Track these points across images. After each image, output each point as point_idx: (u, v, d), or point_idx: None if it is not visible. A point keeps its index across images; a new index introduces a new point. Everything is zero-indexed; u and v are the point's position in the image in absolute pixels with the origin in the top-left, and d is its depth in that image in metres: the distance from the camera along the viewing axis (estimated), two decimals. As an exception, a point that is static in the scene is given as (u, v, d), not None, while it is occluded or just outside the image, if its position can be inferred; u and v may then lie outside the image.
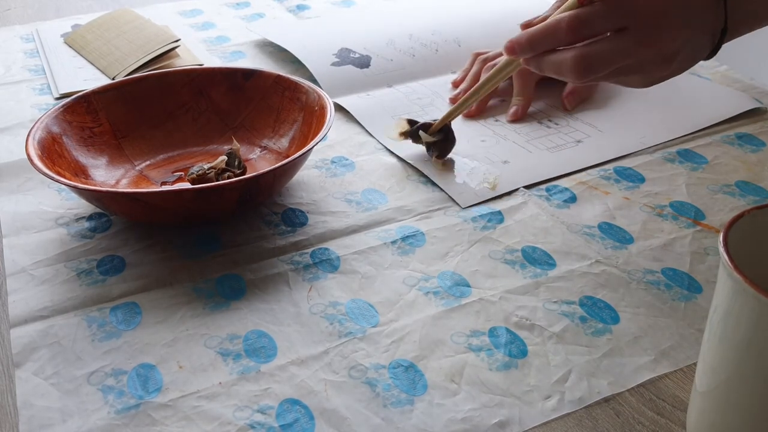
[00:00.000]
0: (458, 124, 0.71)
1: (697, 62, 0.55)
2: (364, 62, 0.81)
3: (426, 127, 0.64)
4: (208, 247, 0.54)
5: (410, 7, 0.98)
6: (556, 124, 0.71)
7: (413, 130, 0.64)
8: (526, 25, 0.56)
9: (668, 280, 0.50)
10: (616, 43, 0.51)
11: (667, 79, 0.55)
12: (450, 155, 0.65)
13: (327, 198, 0.60)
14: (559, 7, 0.55)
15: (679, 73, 0.55)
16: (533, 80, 0.73)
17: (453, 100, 0.75)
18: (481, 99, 0.64)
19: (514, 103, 0.73)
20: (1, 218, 0.58)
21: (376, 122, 0.71)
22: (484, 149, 0.66)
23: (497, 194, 0.60)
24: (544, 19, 0.55)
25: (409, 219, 0.57)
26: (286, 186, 0.61)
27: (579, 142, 0.67)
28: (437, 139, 0.64)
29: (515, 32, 0.56)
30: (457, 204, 0.59)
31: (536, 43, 0.53)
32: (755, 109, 0.72)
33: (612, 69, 0.52)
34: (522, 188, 0.60)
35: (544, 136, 0.68)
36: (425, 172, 0.63)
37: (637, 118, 0.71)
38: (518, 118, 0.72)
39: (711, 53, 0.55)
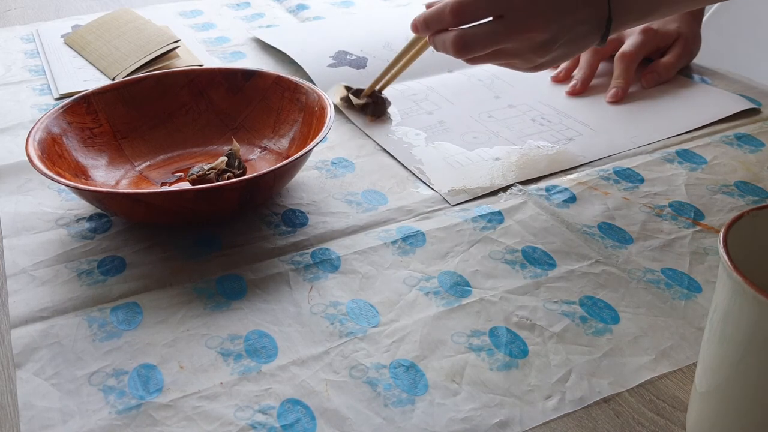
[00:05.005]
0: (452, 118, 0.72)
1: (584, 49, 0.60)
2: (360, 64, 0.81)
3: (358, 92, 0.73)
4: (209, 248, 0.54)
5: (408, 12, 0.98)
6: (549, 121, 0.71)
7: (347, 96, 0.73)
8: (428, 5, 0.62)
9: (668, 279, 0.50)
10: (490, 28, 0.57)
11: (554, 64, 0.61)
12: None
13: (327, 199, 0.60)
14: None
15: (566, 60, 0.62)
16: (634, 63, 0.76)
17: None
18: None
19: (614, 84, 0.75)
20: (1, 219, 0.58)
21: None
22: (476, 145, 0.67)
23: (491, 191, 0.60)
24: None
25: (409, 219, 0.57)
26: (286, 187, 0.61)
27: (571, 139, 0.67)
28: (367, 102, 0.72)
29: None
30: (447, 202, 0.59)
31: (429, 23, 0.60)
32: (753, 109, 0.72)
33: (488, 51, 0.58)
34: (518, 186, 0.61)
35: (536, 133, 0.69)
36: (413, 171, 0.63)
37: (629, 118, 0.71)
38: (618, 100, 0.74)
39: (600, 41, 0.59)
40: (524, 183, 0.61)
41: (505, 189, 0.61)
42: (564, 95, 0.76)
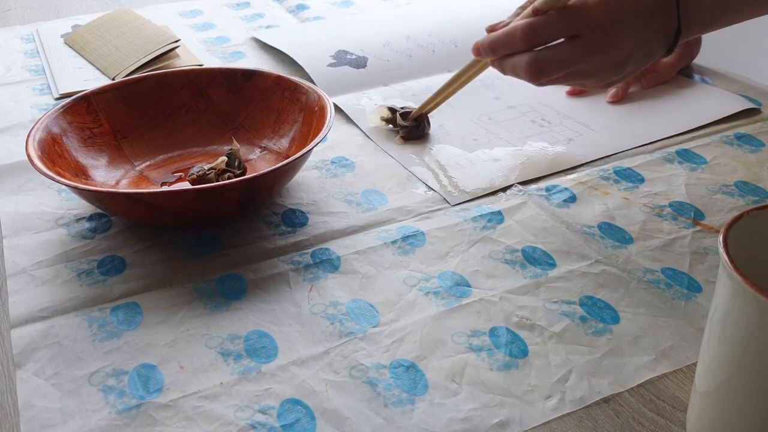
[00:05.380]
0: (452, 121, 0.71)
1: (651, 63, 0.59)
2: (360, 63, 0.81)
3: (404, 114, 0.69)
4: (209, 248, 0.54)
5: (408, 11, 0.99)
6: (549, 122, 0.71)
7: (391, 118, 0.70)
8: (491, 29, 0.59)
9: (668, 279, 0.50)
10: (567, 50, 0.54)
11: (623, 81, 0.60)
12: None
13: (327, 198, 0.60)
14: (519, 14, 0.59)
15: (633, 74, 0.59)
16: None
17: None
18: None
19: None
20: (1, 219, 0.58)
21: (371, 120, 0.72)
22: (476, 147, 0.67)
23: (491, 191, 0.60)
24: (507, 24, 0.58)
25: (409, 219, 0.57)
26: (286, 186, 0.61)
27: (571, 140, 0.67)
28: (410, 125, 0.69)
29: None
30: (447, 202, 0.59)
31: (496, 47, 0.57)
32: (754, 109, 0.72)
33: (564, 73, 0.56)
34: (518, 186, 0.61)
35: (537, 134, 0.69)
36: (413, 172, 0.63)
37: (629, 118, 0.71)
38: (618, 100, 0.73)
39: (667, 52, 0.58)
40: (524, 183, 0.61)
41: (505, 189, 0.61)
42: (564, 96, 0.76)
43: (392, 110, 0.70)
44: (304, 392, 0.42)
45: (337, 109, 0.73)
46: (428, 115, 0.69)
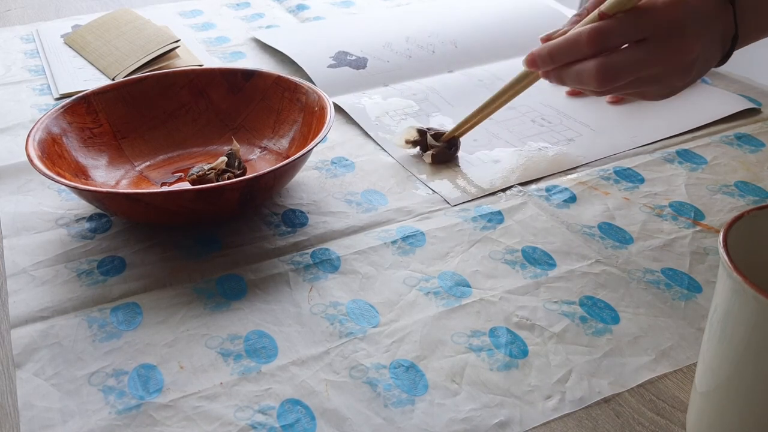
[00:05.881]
0: (452, 125, 0.71)
1: (709, 70, 0.56)
2: (360, 64, 0.81)
3: (436, 135, 0.65)
4: (209, 248, 0.54)
5: (408, 11, 0.99)
6: (549, 122, 0.71)
7: (419, 140, 0.65)
8: (546, 39, 0.57)
9: (668, 279, 0.50)
10: (637, 53, 0.52)
11: (684, 89, 0.56)
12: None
13: (327, 199, 0.60)
14: (576, 21, 0.56)
15: (694, 82, 0.56)
16: None
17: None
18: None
19: None
20: (1, 219, 0.58)
21: (372, 120, 0.72)
22: (476, 148, 0.67)
23: (490, 192, 0.60)
24: (564, 32, 0.55)
25: (409, 219, 0.57)
26: (286, 187, 0.61)
27: (571, 140, 0.67)
28: (441, 146, 0.64)
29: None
30: (447, 202, 0.59)
31: (557, 55, 0.54)
32: (754, 109, 0.72)
33: (633, 78, 0.53)
34: (518, 186, 0.61)
35: (537, 135, 0.69)
36: (413, 172, 0.63)
37: (629, 118, 0.71)
38: (618, 100, 0.73)
39: (722, 60, 0.57)
40: (524, 183, 0.61)
41: (505, 189, 0.61)
42: (564, 96, 0.76)
43: (421, 132, 0.65)
44: (304, 392, 0.42)
45: (337, 109, 0.73)
46: (459, 138, 0.66)
